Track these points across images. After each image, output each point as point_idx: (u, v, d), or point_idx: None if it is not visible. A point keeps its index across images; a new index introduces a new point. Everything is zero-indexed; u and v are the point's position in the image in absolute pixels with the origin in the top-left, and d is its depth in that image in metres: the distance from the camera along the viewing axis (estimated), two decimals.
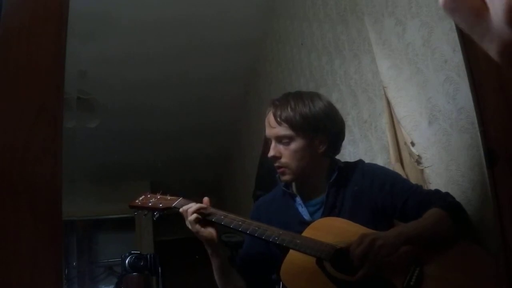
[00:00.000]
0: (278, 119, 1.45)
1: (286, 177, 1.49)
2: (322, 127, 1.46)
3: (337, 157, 1.57)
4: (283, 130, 1.45)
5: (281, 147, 1.46)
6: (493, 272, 1.26)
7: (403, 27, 1.76)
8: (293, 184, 1.55)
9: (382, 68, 1.92)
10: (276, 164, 1.48)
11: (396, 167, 1.80)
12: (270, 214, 1.54)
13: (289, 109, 1.45)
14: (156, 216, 1.57)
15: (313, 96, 1.51)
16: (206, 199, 1.48)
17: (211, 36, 3.59)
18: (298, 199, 1.52)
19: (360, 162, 1.58)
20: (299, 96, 1.49)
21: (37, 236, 0.92)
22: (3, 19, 0.99)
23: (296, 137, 1.45)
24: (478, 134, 1.34)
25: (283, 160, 1.46)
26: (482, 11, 0.38)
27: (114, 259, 5.52)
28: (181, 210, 1.47)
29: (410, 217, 1.37)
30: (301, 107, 1.45)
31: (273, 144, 1.48)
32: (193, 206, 1.45)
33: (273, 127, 1.47)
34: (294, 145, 1.45)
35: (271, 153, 1.47)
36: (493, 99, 1.27)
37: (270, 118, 1.48)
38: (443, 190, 1.45)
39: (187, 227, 1.46)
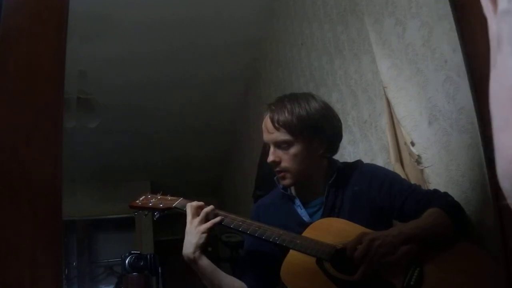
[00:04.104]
0: (276, 124, 1.43)
1: (286, 181, 1.48)
2: (320, 129, 1.45)
3: (337, 157, 1.57)
4: (282, 135, 1.43)
5: (280, 152, 1.45)
6: (493, 272, 1.26)
7: (403, 27, 1.76)
8: (292, 186, 1.54)
9: (382, 68, 1.92)
10: (276, 169, 1.47)
11: (396, 167, 1.80)
12: (269, 216, 1.53)
13: (286, 113, 1.43)
14: (157, 216, 1.56)
15: (308, 97, 1.50)
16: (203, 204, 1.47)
17: (211, 36, 3.59)
18: (297, 201, 1.51)
19: (358, 162, 1.58)
20: (295, 99, 1.47)
21: (37, 236, 0.92)
22: (3, 19, 0.99)
23: (295, 141, 1.43)
24: (478, 134, 1.34)
25: (283, 164, 1.45)
26: None
27: (114, 259, 5.53)
28: (193, 204, 1.45)
29: (408, 217, 1.37)
30: (297, 110, 1.43)
31: (271, 149, 1.46)
32: (209, 207, 1.44)
33: (271, 133, 1.45)
34: (293, 150, 1.44)
35: (270, 158, 1.45)
36: None
37: (267, 123, 1.46)
38: (443, 190, 1.45)
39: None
